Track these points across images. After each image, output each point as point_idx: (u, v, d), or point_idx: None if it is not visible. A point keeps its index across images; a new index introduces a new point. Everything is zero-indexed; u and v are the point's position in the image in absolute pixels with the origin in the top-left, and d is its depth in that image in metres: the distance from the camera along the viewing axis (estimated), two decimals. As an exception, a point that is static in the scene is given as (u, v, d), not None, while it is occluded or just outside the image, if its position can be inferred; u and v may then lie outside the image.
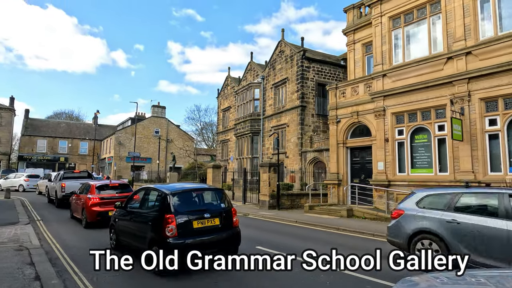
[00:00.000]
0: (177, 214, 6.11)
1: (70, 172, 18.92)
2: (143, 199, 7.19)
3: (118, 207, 7.98)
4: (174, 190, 6.47)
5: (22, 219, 12.86)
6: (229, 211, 6.78)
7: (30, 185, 28.50)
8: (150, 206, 6.98)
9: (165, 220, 6.01)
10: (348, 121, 16.55)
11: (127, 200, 7.89)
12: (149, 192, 7.20)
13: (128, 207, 7.70)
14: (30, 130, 51.19)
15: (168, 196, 6.28)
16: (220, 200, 6.98)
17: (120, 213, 7.90)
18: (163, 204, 6.28)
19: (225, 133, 33.91)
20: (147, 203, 7.11)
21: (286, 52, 24.59)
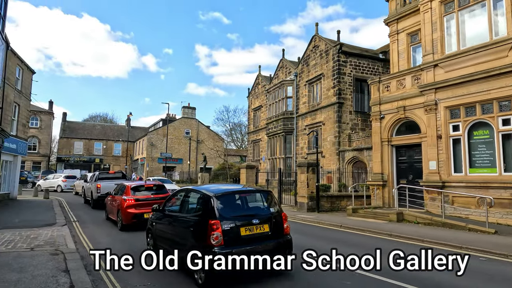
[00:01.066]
0: (223, 219, 5.37)
1: (105, 173, 18.91)
2: (183, 202, 6.52)
3: (155, 210, 7.39)
4: (218, 192, 5.75)
5: (59, 220, 12.73)
6: (279, 216, 5.97)
7: (68, 185, 29.17)
8: (191, 209, 6.31)
9: (209, 227, 5.29)
10: (393, 117, 15.29)
11: (165, 202, 7.28)
12: (189, 194, 6.52)
13: (166, 210, 7.09)
14: (67, 133, 53.07)
15: (212, 199, 5.56)
16: (268, 204, 6.18)
17: (157, 217, 7.31)
18: (207, 208, 5.57)
19: (256, 133, 33.22)
20: (188, 206, 6.44)
21: (321, 47, 23.50)
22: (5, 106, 18.47)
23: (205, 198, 5.75)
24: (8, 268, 6.43)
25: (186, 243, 5.76)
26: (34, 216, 13.67)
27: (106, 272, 6.54)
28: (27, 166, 46.60)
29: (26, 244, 8.65)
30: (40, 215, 14.11)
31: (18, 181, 22.78)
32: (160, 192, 11.51)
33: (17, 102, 20.91)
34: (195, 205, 6.18)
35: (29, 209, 16.05)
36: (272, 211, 6.01)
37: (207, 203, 5.59)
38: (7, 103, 18.92)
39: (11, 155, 20.77)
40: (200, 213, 5.72)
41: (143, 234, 10.05)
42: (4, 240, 9.09)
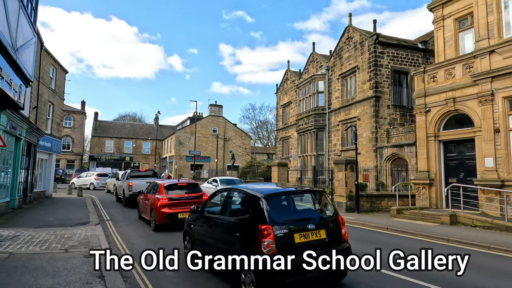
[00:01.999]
0: (274, 224, 4.67)
1: (136, 171, 18.79)
2: (225, 203, 5.87)
3: (193, 211, 6.81)
4: (268, 193, 5.04)
5: (92, 219, 12.55)
6: (336, 220, 5.20)
7: (100, 183, 29.61)
8: (235, 212, 5.67)
9: (259, 232, 4.61)
10: (440, 109, 14.04)
11: (204, 203, 6.68)
12: (233, 194, 5.86)
13: (205, 211, 6.49)
14: (99, 132, 54.43)
15: (261, 200, 4.87)
16: (322, 205, 5.43)
17: (195, 218, 6.73)
18: (255, 211, 4.88)
19: (285, 129, 32.38)
20: (231, 208, 5.80)
21: (355, 38, 22.32)
22: (40, 105, 18.72)
23: (252, 199, 5.06)
24: (43, 272, 6.06)
25: (231, 250, 5.11)
26: (68, 215, 13.60)
27: (142, 279, 6.04)
28: (62, 164, 48.15)
29: (60, 244, 8.35)
30: (74, 213, 14.05)
31: (53, 179, 23.23)
32: (194, 191, 11.00)
33: (51, 101, 21.23)
34: (240, 207, 5.53)
35: (63, 207, 16.11)
36: (329, 214, 5.25)
37: (256, 205, 4.91)
38: (42, 102, 19.19)
39: (46, 153, 21.13)
40: (247, 216, 5.04)
41: (177, 236, 9.58)
42: (39, 239, 8.87)
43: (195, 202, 10.65)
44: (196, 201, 10.68)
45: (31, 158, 17.33)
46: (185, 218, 10.34)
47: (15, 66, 6.30)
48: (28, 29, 6.98)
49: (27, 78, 7.20)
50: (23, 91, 7.26)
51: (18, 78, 6.79)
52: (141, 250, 5.83)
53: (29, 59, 7.28)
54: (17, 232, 9.80)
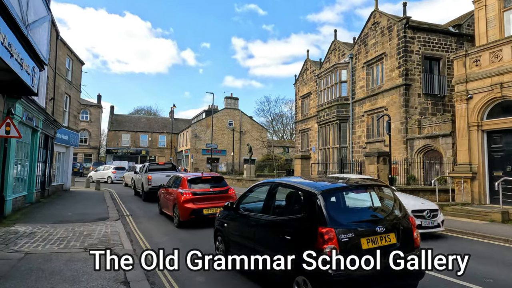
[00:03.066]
0: (338, 226, 3.80)
1: (155, 164, 18.19)
2: (268, 200, 4.99)
3: (227, 207, 5.98)
4: (325, 188, 4.16)
5: (112, 214, 11.94)
6: (407, 222, 4.29)
7: (117, 177, 29.32)
8: (282, 210, 4.81)
9: (319, 237, 3.74)
10: (485, 96, 12.81)
11: (239, 199, 5.84)
12: (277, 190, 4.97)
13: (241, 208, 5.66)
14: (115, 125, 54.48)
15: (319, 197, 3.99)
16: (388, 203, 4.51)
17: (229, 216, 5.92)
18: (312, 210, 4.01)
19: (305, 121, 31.31)
20: (277, 205, 4.93)
21: (382, 23, 21.01)
22: (56, 97, 18.27)
23: (307, 196, 4.18)
24: (60, 276, 5.36)
25: (279, 257, 4.26)
26: (87, 209, 13.06)
27: (171, 283, 5.28)
28: (79, 158, 48.39)
29: (79, 243, 7.71)
30: (93, 208, 13.51)
31: (71, 172, 22.94)
32: (219, 185, 10.21)
33: (68, 93, 20.80)
34: (289, 204, 4.67)
35: (81, 202, 15.64)
36: (397, 214, 4.34)
37: (312, 203, 4.03)
38: (58, 94, 18.73)
39: (63, 146, 20.77)
40: (300, 216, 4.17)
41: (204, 233, 8.84)
42: (57, 237, 8.25)
43: (221, 197, 9.90)
44: (222, 196, 9.92)
45: (49, 151, 16.91)
46: (211, 215, 9.66)
47: (26, 44, 5.59)
48: (40, 4, 6.25)
49: (41, 60, 6.50)
50: (37, 74, 6.57)
51: (31, 59, 6.09)
52: (167, 250, 5.07)
53: (42, 38, 6.57)
54: (34, 228, 9.23)
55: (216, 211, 9.52)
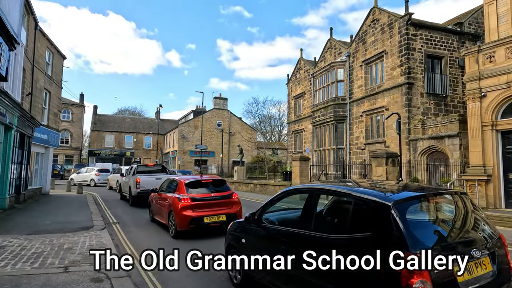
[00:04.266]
0: (424, 251, 2.72)
1: (143, 166, 16.80)
2: (307, 210, 3.86)
3: (248, 220, 4.79)
4: (400, 197, 3.09)
5: (97, 223, 10.60)
6: (500, 242, 3.27)
7: (101, 179, 27.64)
8: (332, 225, 3.69)
9: (405, 267, 2.65)
10: (500, 94, 12.11)
11: (262, 208, 4.68)
12: (318, 197, 3.85)
13: (264, 220, 4.53)
14: (98, 126, 52.32)
15: (393, 210, 2.91)
16: (474, 218, 3.48)
17: (249, 230, 4.77)
18: (383, 228, 2.93)
19: (298, 122, 30.40)
20: (321, 218, 3.82)
21: (382, 20, 20.29)
22: (34, 92, 16.69)
23: (374, 207, 3.08)
24: (31, 312, 4.11)
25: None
26: (68, 216, 11.65)
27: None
28: (60, 159, 46.11)
29: (59, 260, 6.42)
30: (75, 214, 12.10)
31: (51, 174, 21.25)
32: (221, 189, 9.03)
33: (47, 88, 19.18)
34: (342, 218, 3.57)
35: (62, 207, 14.16)
36: (489, 232, 3.30)
37: (384, 218, 2.94)
38: (36, 89, 17.15)
39: (42, 146, 19.12)
40: (365, 236, 3.07)
41: (206, 245, 7.65)
42: (32, 252, 6.92)
43: (224, 203, 8.75)
44: (224, 202, 8.77)
45: (25, 151, 15.32)
46: (213, 223, 8.46)
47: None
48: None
49: (10, 36, 5.23)
50: (5, 54, 5.29)
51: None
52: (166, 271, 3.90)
53: (13, 11, 5.30)
54: (4, 241, 7.84)
55: (218, 219, 8.38)
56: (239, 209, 8.95)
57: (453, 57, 19.27)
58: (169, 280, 5.60)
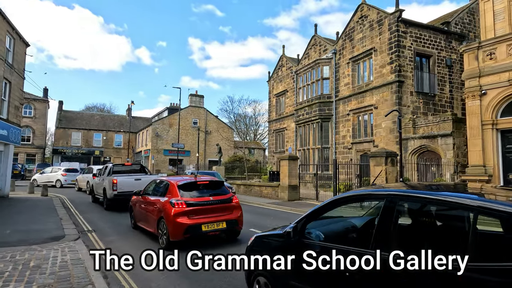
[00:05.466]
0: None
1: (120, 165, 15.20)
2: (384, 223, 2.80)
3: (287, 234, 3.68)
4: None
5: (69, 231, 9.09)
6: None
7: (68, 180, 25.39)
8: (441, 248, 2.66)
9: None
10: (501, 92, 11.81)
11: (306, 219, 3.59)
12: (402, 207, 2.83)
13: (311, 235, 3.47)
14: (64, 123, 49.00)
15: None
16: None
17: (284, 248, 3.68)
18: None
19: (280, 121, 29.60)
20: (414, 235, 2.80)
21: (371, 16, 19.84)
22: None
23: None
24: None
25: None
26: (33, 223, 10.01)
27: None
28: (20, 158, 42.61)
29: (24, 284, 5.05)
30: (41, 221, 10.46)
31: (11, 175, 19.01)
32: (220, 192, 7.88)
33: (7, 78, 17.04)
34: (456, 240, 2.57)
35: (24, 212, 12.36)
36: None
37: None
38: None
39: (1, 143, 16.97)
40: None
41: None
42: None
43: (224, 208, 7.62)
44: (224, 207, 7.64)
45: (-20, 148, 13.32)
46: (212, 232, 7.30)
47: None
48: None
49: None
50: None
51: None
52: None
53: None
54: (-49, 258, 6.27)
55: (218, 227, 7.25)
56: (240, 215, 7.86)
57: (441, 56, 19.16)
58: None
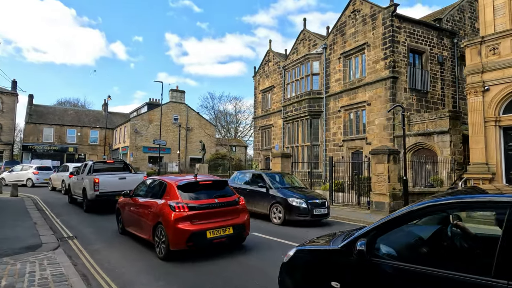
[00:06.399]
0: None
1: (101, 163, 13.92)
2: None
3: (348, 250, 2.87)
4: None
5: (46, 238, 7.93)
6: None
7: (40, 179, 23.55)
8: None
9: None
10: (505, 88, 11.52)
11: (376, 231, 2.77)
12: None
13: (384, 255, 2.70)
14: (35, 118, 46.11)
15: None
16: None
17: (346, 272, 2.88)
18: None
19: (267, 117, 28.85)
20: None
21: (363, 11, 19.37)
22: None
23: None
24: None
25: None
26: (2, 229, 8.73)
27: None
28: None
29: (-5, 313, 4.00)
30: (11, 226, 9.18)
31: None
32: (224, 193, 6.98)
33: (-29, 66, 15.29)
34: None
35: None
36: None
37: None
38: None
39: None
40: None
41: (213, 269, 5.61)
42: None
43: (230, 211, 6.76)
44: (231, 210, 6.78)
45: None
46: (217, 239, 6.40)
47: None
48: None
49: None
50: None
51: None
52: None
53: None
54: None
55: (224, 233, 6.39)
56: (247, 218, 7.01)
57: (433, 53, 18.98)
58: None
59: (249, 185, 11.77)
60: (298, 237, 8.13)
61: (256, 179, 11.70)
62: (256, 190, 11.21)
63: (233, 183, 12.30)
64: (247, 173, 12.78)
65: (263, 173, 11.63)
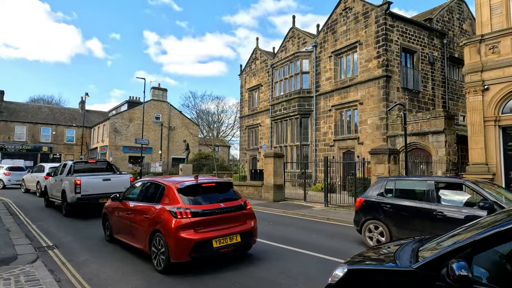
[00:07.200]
0: None
1: (82, 163, 12.83)
2: None
3: (425, 277, 2.23)
4: None
5: (22, 248, 6.96)
6: None
7: (13, 180, 21.97)
8: None
9: None
10: (505, 88, 11.36)
11: (478, 246, 2.20)
12: None
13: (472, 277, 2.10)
14: (6, 115, 43.52)
15: None
16: None
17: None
18: None
19: (253, 116, 28.19)
20: None
21: (355, 8, 19.06)
22: None
23: None
24: None
25: None
26: (-30, 239, 7.67)
27: None
28: (-49, 155, 37.04)
29: None
30: (-19, 235, 8.10)
31: None
32: (230, 197, 6.27)
33: None
34: None
35: (-43, 222, 9.76)
36: None
37: None
38: None
39: None
40: None
41: (221, 284, 4.90)
42: None
43: (237, 217, 6.07)
44: (238, 216, 6.08)
45: None
46: (224, 248, 5.66)
47: None
48: None
49: None
50: None
51: None
52: None
53: None
54: None
55: (231, 241, 5.72)
56: (255, 224, 6.33)
57: (424, 53, 18.91)
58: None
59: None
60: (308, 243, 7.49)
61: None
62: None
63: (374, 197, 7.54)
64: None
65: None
